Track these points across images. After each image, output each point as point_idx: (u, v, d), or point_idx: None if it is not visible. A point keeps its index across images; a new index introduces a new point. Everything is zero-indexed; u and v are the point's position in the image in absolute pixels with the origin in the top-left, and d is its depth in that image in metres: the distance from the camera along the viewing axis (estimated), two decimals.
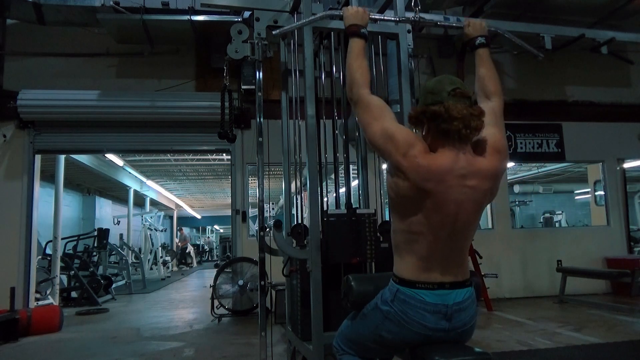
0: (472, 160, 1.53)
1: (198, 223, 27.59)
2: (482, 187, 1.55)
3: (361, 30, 1.84)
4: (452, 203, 1.51)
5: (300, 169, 3.17)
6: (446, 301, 1.53)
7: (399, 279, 1.60)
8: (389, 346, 1.69)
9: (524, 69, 7.28)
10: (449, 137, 1.50)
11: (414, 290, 1.55)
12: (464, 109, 1.48)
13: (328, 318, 2.46)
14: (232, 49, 2.92)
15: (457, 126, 1.46)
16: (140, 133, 6.38)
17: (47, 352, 4.39)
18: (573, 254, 6.77)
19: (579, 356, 3.74)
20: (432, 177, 1.48)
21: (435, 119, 1.50)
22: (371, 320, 1.67)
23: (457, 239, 1.57)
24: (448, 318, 1.54)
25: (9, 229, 5.88)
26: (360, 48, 1.80)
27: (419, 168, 1.48)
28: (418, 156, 1.49)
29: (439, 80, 1.57)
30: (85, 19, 5.67)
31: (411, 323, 1.55)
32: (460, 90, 1.52)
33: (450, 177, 1.49)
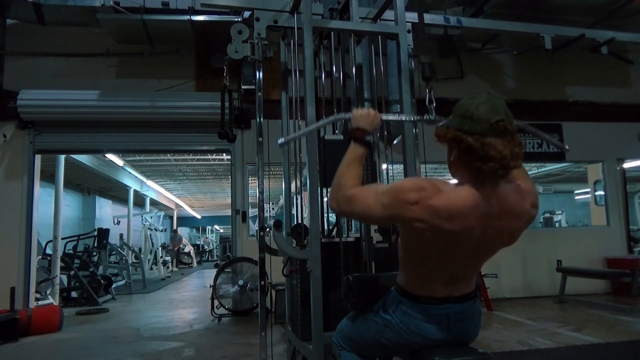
0: (502, 199, 1.38)
1: (198, 223, 27.59)
2: (508, 228, 1.43)
3: (366, 138, 1.62)
4: (472, 242, 1.40)
5: (300, 169, 3.17)
6: (448, 312, 1.51)
7: (402, 290, 1.56)
8: (388, 350, 1.69)
9: (524, 69, 7.28)
10: (481, 174, 1.34)
11: (417, 304, 1.52)
12: (504, 148, 1.29)
13: (328, 318, 2.46)
14: (232, 49, 2.92)
15: (492, 167, 1.30)
16: (140, 133, 6.38)
17: (47, 352, 4.39)
18: (573, 254, 6.77)
19: (579, 356, 3.74)
20: (453, 216, 1.33)
21: (469, 154, 1.32)
22: (372, 326, 1.65)
23: (471, 265, 1.52)
24: (449, 328, 1.52)
25: (9, 229, 5.88)
26: (359, 156, 1.57)
27: (437, 211, 1.33)
28: (432, 198, 1.33)
29: (481, 103, 1.34)
30: (85, 19, 5.67)
31: (411, 334, 1.53)
32: (504, 123, 1.31)
33: (473, 217, 1.35)
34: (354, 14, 2.92)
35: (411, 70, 2.81)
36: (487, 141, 1.29)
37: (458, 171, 1.43)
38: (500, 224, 1.40)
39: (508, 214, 1.40)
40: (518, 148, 1.33)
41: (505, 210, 1.39)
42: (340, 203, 1.49)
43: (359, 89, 3.32)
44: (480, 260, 1.54)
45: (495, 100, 1.35)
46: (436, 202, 1.33)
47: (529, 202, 1.47)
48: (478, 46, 6.80)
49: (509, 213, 1.40)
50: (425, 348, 1.56)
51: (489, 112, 1.32)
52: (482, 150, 1.29)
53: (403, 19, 2.79)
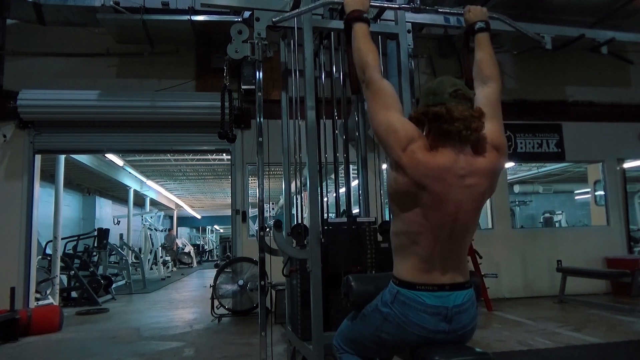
0: (471, 160, 1.54)
1: (198, 223, 27.59)
2: (481, 186, 1.55)
3: (363, 15, 1.83)
4: (451, 202, 1.51)
5: (300, 169, 3.17)
6: (446, 303, 1.53)
7: (398, 280, 1.60)
8: (388, 347, 1.69)
9: (524, 69, 7.28)
10: (449, 137, 1.51)
11: (413, 292, 1.55)
12: (465, 111, 1.49)
13: (328, 318, 2.46)
14: (232, 49, 2.91)
15: (458, 127, 1.48)
16: (140, 133, 6.38)
17: (47, 352, 4.39)
18: (573, 254, 6.77)
19: (579, 356, 3.74)
20: (431, 174, 1.49)
21: (437, 120, 1.51)
22: (371, 322, 1.67)
23: (457, 239, 1.57)
24: (448, 320, 1.54)
25: (9, 229, 5.88)
26: (366, 31, 1.80)
27: (418, 164, 1.49)
28: (417, 152, 1.50)
29: (441, 81, 1.57)
30: (85, 19, 5.67)
31: (411, 325, 1.55)
32: (462, 91, 1.53)
33: (449, 176, 1.50)
34: None
35: (411, 70, 2.81)
36: (450, 106, 1.49)
37: (431, 141, 1.56)
38: (474, 182, 1.54)
39: (477, 172, 1.54)
40: (477, 112, 1.53)
41: (474, 171, 1.54)
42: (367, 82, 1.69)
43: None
44: (466, 230, 1.59)
45: (453, 78, 1.59)
46: (420, 156, 1.50)
47: (495, 155, 1.59)
48: None
49: (478, 172, 1.54)
50: (425, 344, 1.56)
51: (447, 85, 1.54)
52: (447, 114, 1.48)
53: (403, 19, 2.79)
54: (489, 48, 1.89)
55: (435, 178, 1.49)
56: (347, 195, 3.14)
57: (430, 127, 1.55)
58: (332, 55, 3.19)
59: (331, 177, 6.63)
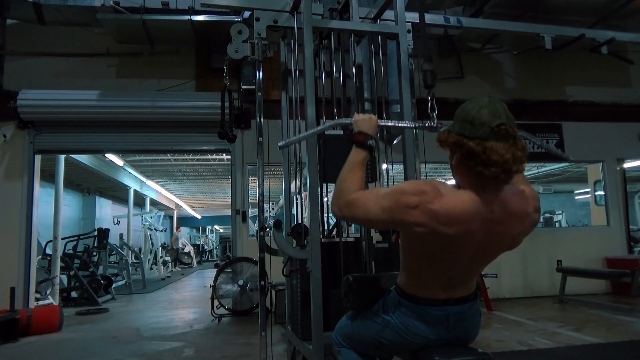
0: (504, 204, 1.37)
1: (198, 223, 27.58)
2: (510, 233, 1.43)
3: (368, 142, 1.62)
4: (472, 247, 1.40)
5: (300, 169, 3.17)
6: (448, 312, 1.51)
7: (402, 292, 1.57)
8: (387, 350, 1.69)
9: (524, 69, 7.28)
10: (483, 179, 1.32)
11: (416, 305, 1.53)
12: (506, 153, 1.27)
13: (328, 318, 2.46)
14: (232, 49, 2.92)
15: (494, 172, 1.28)
16: (140, 133, 6.38)
17: (47, 352, 4.39)
18: (573, 254, 6.77)
19: (579, 356, 3.73)
20: (454, 222, 1.32)
21: (471, 158, 1.31)
22: (372, 326, 1.66)
23: (471, 269, 1.51)
24: (449, 328, 1.53)
25: (9, 229, 5.88)
26: (361, 160, 1.57)
27: (437, 215, 1.32)
28: (433, 202, 1.32)
29: (481, 107, 1.33)
30: (85, 18, 5.67)
31: (410, 334, 1.54)
32: (506, 127, 1.29)
33: (475, 222, 1.34)
34: (354, 14, 2.92)
35: (411, 70, 2.81)
36: (489, 145, 1.28)
37: (460, 175, 1.41)
38: (502, 230, 1.39)
39: (510, 218, 1.39)
40: (521, 152, 1.31)
41: (507, 215, 1.38)
42: (341, 208, 1.48)
43: (359, 89, 3.32)
44: (482, 264, 1.53)
45: (496, 104, 1.34)
46: (436, 207, 1.32)
47: (532, 206, 1.47)
48: (478, 46, 6.80)
49: (511, 218, 1.40)
50: (425, 348, 1.56)
51: (490, 116, 1.30)
52: (484, 154, 1.28)
53: (403, 19, 2.79)
54: None
55: (459, 224, 1.32)
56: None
57: (462, 160, 1.36)
58: (332, 55, 3.19)
59: None
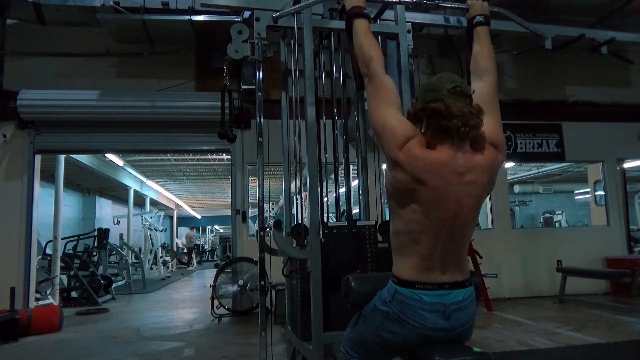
0: (469, 156, 1.54)
1: (198, 223, 27.56)
2: (480, 182, 1.55)
3: (363, 11, 1.85)
4: (450, 198, 1.51)
5: (300, 169, 3.17)
6: (444, 300, 1.54)
7: (397, 279, 1.60)
8: (391, 347, 1.68)
9: (524, 69, 7.28)
10: (448, 134, 1.51)
11: (412, 290, 1.55)
12: (463, 107, 1.49)
13: (328, 318, 2.46)
14: (232, 49, 2.92)
15: (456, 124, 1.47)
16: (140, 133, 6.38)
17: (47, 352, 4.39)
18: (573, 254, 6.77)
19: (579, 356, 3.74)
20: (429, 169, 1.49)
21: (435, 116, 1.50)
22: (371, 322, 1.67)
23: (457, 237, 1.57)
24: (446, 317, 1.54)
25: (9, 229, 5.88)
26: (367, 27, 1.81)
27: (416, 159, 1.49)
28: (414, 148, 1.51)
29: (439, 77, 1.57)
30: (85, 19, 5.67)
31: (410, 322, 1.55)
32: (461, 88, 1.52)
33: (448, 173, 1.50)
34: None
35: (411, 70, 2.81)
36: (448, 102, 1.49)
37: (429, 138, 1.56)
38: (473, 178, 1.54)
39: (476, 169, 1.54)
40: (475, 109, 1.51)
41: (472, 167, 1.54)
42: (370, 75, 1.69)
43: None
44: (466, 227, 1.58)
45: (452, 75, 1.57)
46: (417, 152, 1.51)
47: (493, 152, 1.60)
48: None
49: (476, 168, 1.54)
50: (425, 344, 1.56)
51: (446, 81, 1.54)
52: (446, 110, 1.48)
53: (403, 19, 2.79)
54: (486, 41, 1.91)
55: (434, 173, 1.49)
56: (347, 196, 3.13)
57: (429, 123, 1.55)
58: (332, 55, 3.19)
59: (331, 177, 6.64)
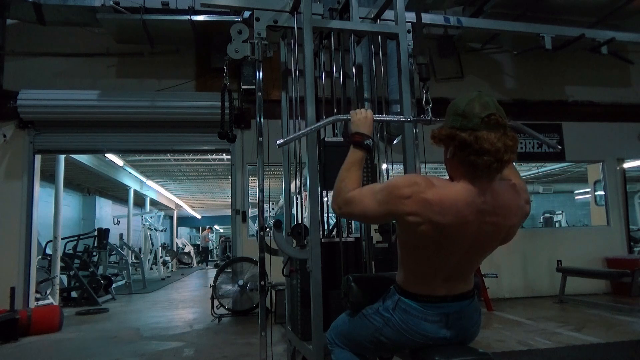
0: (496, 196, 1.40)
1: (198, 223, 27.58)
2: (502, 225, 1.43)
3: (365, 142, 1.66)
4: (467, 238, 1.41)
5: (300, 169, 3.17)
6: (446, 311, 1.52)
7: (401, 289, 1.57)
8: (387, 349, 1.69)
9: (524, 69, 7.28)
10: (476, 169, 1.35)
11: (415, 302, 1.53)
12: (497, 141, 1.31)
13: (328, 318, 2.46)
14: (232, 49, 2.92)
15: (487, 161, 1.32)
16: (140, 133, 6.38)
17: (47, 352, 4.39)
18: (573, 254, 6.77)
19: (579, 356, 3.74)
20: (447, 210, 1.35)
21: (463, 149, 1.35)
22: (371, 324, 1.65)
23: (469, 261, 1.52)
24: (449, 326, 1.53)
25: (9, 229, 5.88)
26: (358, 159, 1.63)
27: (431, 204, 1.35)
28: (425, 192, 1.36)
29: (471, 101, 1.38)
30: (85, 19, 5.67)
31: (411, 332, 1.54)
32: (496, 117, 1.34)
33: (469, 212, 1.36)
34: (354, 14, 2.92)
35: (411, 70, 2.80)
36: (480, 135, 1.32)
37: (453, 169, 1.44)
38: (495, 220, 1.41)
39: (503, 209, 1.42)
40: (511, 141, 1.35)
41: (500, 206, 1.41)
42: (340, 206, 1.55)
43: (359, 89, 3.32)
44: (477, 258, 1.54)
45: (485, 97, 1.39)
46: (429, 196, 1.36)
47: (523, 199, 1.51)
48: (478, 46, 6.80)
49: (504, 209, 1.42)
50: (425, 347, 1.56)
51: (480, 107, 1.36)
52: (476, 143, 1.32)
53: (403, 19, 2.79)
54: None
55: (453, 214, 1.34)
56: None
57: (455, 152, 1.39)
58: (332, 55, 3.19)
59: None
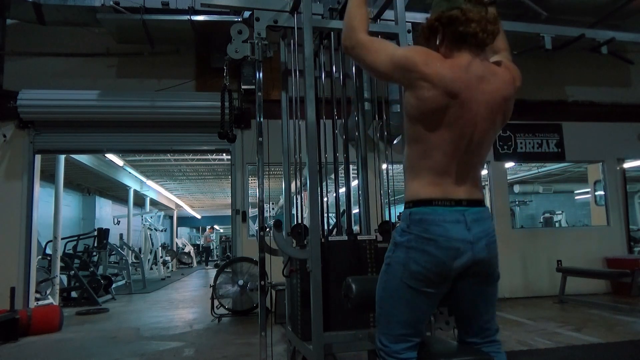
0: (489, 65, 1.52)
1: (198, 223, 27.58)
2: (499, 94, 1.51)
3: None
4: (472, 107, 1.47)
5: (300, 169, 3.17)
6: (464, 211, 1.51)
7: (413, 202, 1.54)
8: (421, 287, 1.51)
9: (524, 69, 7.14)
10: (465, 41, 1.48)
11: (430, 207, 1.50)
12: (481, 11, 1.47)
13: (328, 318, 2.46)
14: (232, 49, 2.92)
15: (475, 28, 1.45)
16: (140, 133, 6.38)
17: (47, 352, 4.39)
18: (573, 254, 6.77)
19: (579, 356, 3.74)
20: (458, 78, 1.45)
21: (452, 24, 1.48)
22: (395, 266, 1.54)
23: (473, 152, 1.53)
24: (468, 228, 1.49)
25: (9, 229, 5.88)
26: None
27: (444, 71, 1.45)
28: (437, 61, 1.47)
29: None
30: (85, 18, 5.67)
31: (435, 239, 1.47)
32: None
33: (470, 77, 1.47)
34: None
35: None
36: (465, 8, 1.47)
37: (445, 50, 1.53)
38: (492, 88, 1.50)
39: (497, 79, 1.52)
40: (492, 16, 1.50)
41: (491, 74, 1.51)
42: (354, 46, 1.61)
43: (359, 89, 3.33)
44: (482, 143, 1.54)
45: None
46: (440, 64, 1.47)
47: (513, 73, 1.59)
48: None
49: (497, 78, 1.52)
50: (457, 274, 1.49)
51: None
52: (463, 16, 1.46)
53: (403, 19, 2.79)
54: None
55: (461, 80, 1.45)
56: (347, 196, 3.13)
57: (445, 33, 1.51)
58: (332, 55, 3.19)
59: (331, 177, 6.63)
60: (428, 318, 1.65)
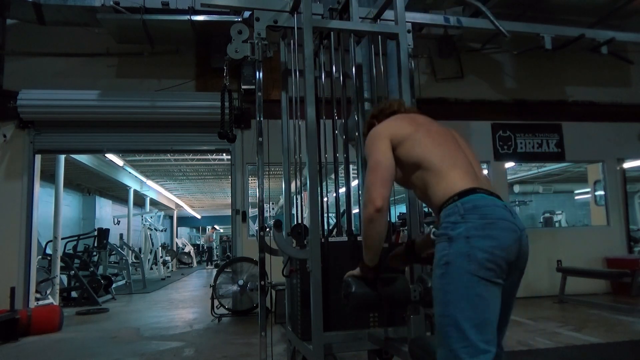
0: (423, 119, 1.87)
1: (198, 223, 27.60)
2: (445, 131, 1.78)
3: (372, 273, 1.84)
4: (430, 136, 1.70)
5: (300, 169, 3.17)
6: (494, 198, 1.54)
7: (457, 194, 1.48)
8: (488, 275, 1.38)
9: (524, 69, 7.28)
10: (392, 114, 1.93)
11: (478, 194, 1.49)
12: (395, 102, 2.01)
13: (328, 318, 2.46)
14: (232, 49, 2.91)
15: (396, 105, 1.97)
16: (140, 133, 6.38)
17: (47, 352, 4.39)
18: (573, 254, 6.77)
19: (579, 356, 3.74)
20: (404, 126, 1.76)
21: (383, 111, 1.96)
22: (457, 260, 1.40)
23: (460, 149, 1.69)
24: (513, 216, 1.48)
25: (9, 229, 5.88)
26: None
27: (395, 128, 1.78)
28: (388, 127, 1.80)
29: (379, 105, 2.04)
30: (85, 18, 5.67)
31: (495, 222, 1.42)
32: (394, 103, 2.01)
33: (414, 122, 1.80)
34: (354, 14, 2.92)
35: (411, 70, 2.80)
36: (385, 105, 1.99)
37: None
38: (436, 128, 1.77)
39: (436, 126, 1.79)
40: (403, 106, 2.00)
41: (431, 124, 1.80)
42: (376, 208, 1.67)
43: (359, 89, 3.32)
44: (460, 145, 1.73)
45: None
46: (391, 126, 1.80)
47: None
48: (478, 46, 6.80)
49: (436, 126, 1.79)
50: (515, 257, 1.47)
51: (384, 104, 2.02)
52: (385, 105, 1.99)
53: (403, 19, 2.79)
54: None
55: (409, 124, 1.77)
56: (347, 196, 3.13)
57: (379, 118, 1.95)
58: (332, 55, 3.19)
59: (331, 177, 6.64)
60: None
